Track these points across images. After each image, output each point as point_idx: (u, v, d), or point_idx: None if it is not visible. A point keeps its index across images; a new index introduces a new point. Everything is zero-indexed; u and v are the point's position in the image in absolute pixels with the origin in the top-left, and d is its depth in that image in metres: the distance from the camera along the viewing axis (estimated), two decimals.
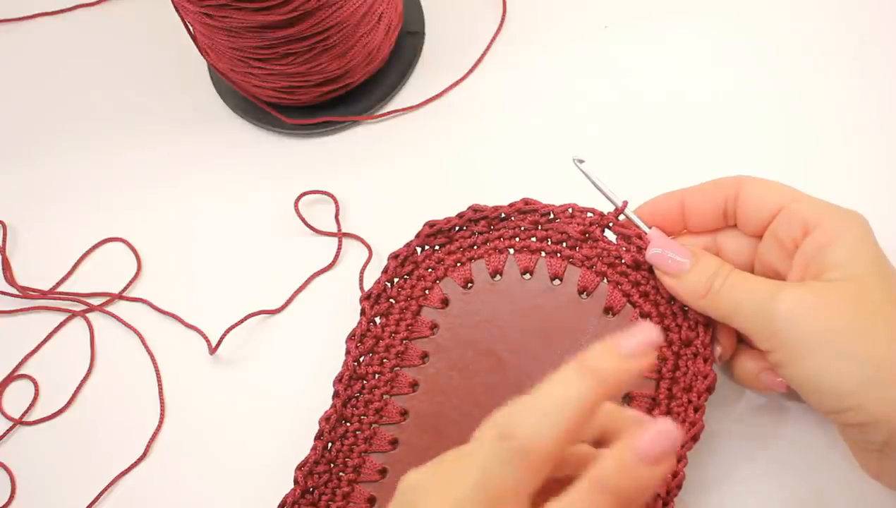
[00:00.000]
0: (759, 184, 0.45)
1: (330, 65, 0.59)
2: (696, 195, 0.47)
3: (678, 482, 0.44)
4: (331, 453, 0.49)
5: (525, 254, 0.49)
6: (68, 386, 0.57)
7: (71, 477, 0.55)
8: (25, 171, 0.66)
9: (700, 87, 0.60)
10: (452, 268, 0.50)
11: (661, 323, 0.46)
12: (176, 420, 0.56)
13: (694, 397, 0.45)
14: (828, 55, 0.60)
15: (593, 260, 0.48)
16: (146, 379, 0.57)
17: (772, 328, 0.41)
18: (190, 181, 0.63)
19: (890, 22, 0.60)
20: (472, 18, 0.66)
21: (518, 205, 0.50)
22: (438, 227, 0.51)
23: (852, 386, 0.39)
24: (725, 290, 0.42)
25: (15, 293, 0.61)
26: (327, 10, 0.56)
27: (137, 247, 0.61)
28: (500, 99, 0.63)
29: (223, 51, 0.60)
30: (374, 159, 0.62)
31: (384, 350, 0.50)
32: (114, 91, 0.68)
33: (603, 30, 0.64)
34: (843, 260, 0.41)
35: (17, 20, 0.73)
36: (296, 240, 0.60)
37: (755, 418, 0.49)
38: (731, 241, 0.47)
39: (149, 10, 0.71)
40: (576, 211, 0.49)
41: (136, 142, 0.66)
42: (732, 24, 0.62)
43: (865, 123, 0.57)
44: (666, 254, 0.45)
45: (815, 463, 0.48)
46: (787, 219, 0.43)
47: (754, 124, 0.58)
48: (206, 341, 0.57)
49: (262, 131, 0.64)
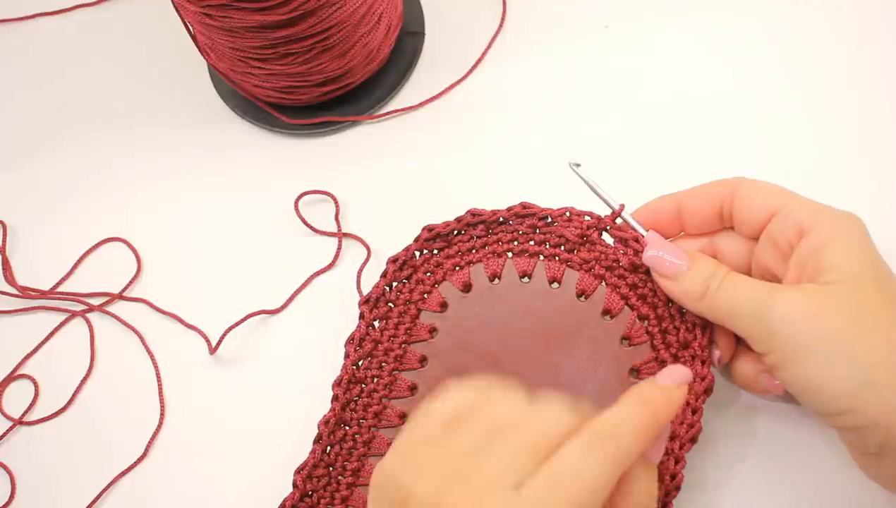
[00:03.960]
0: (754, 187, 0.45)
1: (330, 65, 0.59)
2: (692, 197, 0.46)
3: (677, 483, 0.44)
4: (330, 456, 0.49)
5: (523, 258, 0.49)
6: (68, 386, 0.58)
7: (71, 477, 0.55)
8: (25, 171, 0.66)
9: (700, 88, 0.60)
10: (451, 272, 0.50)
11: (658, 325, 0.46)
12: (176, 420, 0.56)
13: (692, 399, 0.45)
14: (828, 55, 0.60)
15: (591, 263, 0.48)
16: (146, 379, 0.57)
17: (768, 331, 0.41)
18: (190, 181, 0.63)
19: (890, 22, 0.60)
20: (472, 18, 0.66)
21: (516, 208, 0.50)
22: (437, 232, 0.51)
23: (847, 389, 0.39)
24: (722, 293, 0.42)
25: (15, 293, 0.61)
26: (327, 10, 0.55)
27: (137, 247, 0.61)
28: (500, 99, 0.63)
29: (223, 51, 0.60)
30: (374, 159, 0.62)
31: (383, 353, 0.50)
32: (114, 91, 0.68)
33: (603, 30, 0.64)
34: (838, 263, 0.41)
35: (17, 20, 0.73)
36: (296, 239, 0.60)
37: (753, 419, 0.49)
38: (728, 243, 0.47)
39: (149, 10, 0.71)
40: (573, 214, 0.49)
41: (136, 143, 0.66)
42: (732, 25, 0.62)
43: (865, 124, 0.57)
44: (663, 256, 0.45)
45: (813, 465, 0.48)
46: (783, 221, 0.43)
47: (754, 125, 0.58)
48: (206, 341, 0.57)
49: (262, 131, 0.64)
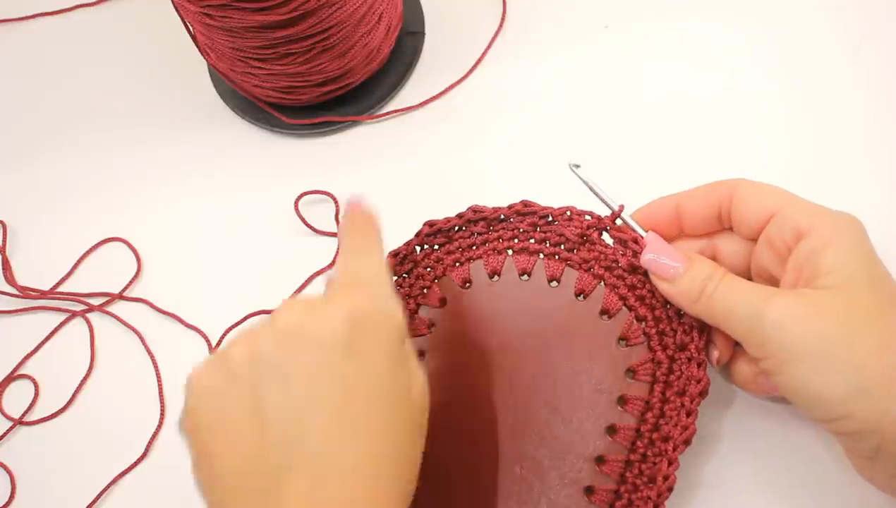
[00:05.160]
0: (752, 188, 0.45)
1: (330, 65, 0.60)
2: (691, 199, 0.46)
3: (669, 485, 0.44)
4: None
5: (523, 256, 0.49)
6: (68, 386, 0.58)
7: (71, 477, 0.55)
8: (25, 171, 0.66)
9: (700, 88, 0.60)
10: (451, 268, 0.50)
11: (656, 326, 0.46)
12: (176, 420, 0.56)
13: (687, 401, 0.45)
14: (827, 55, 0.60)
15: (591, 262, 0.48)
16: (146, 379, 0.57)
17: (762, 335, 0.40)
18: (190, 181, 0.64)
19: (890, 22, 0.60)
20: (472, 18, 0.66)
21: (517, 206, 0.50)
22: (438, 227, 0.51)
23: (841, 395, 0.39)
24: (717, 296, 0.42)
25: (15, 293, 0.61)
26: (327, 10, 0.56)
27: (137, 247, 0.62)
28: (500, 99, 0.63)
29: (223, 51, 0.60)
30: (374, 159, 0.62)
31: None
32: (114, 91, 0.68)
33: (603, 30, 0.64)
34: (835, 266, 0.40)
35: (17, 20, 0.73)
36: (296, 239, 0.60)
37: (748, 421, 0.49)
38: (727, 244, 0.47)
39: (149, 10, 0.71)
40: (574, 213, 0.49)
41: (136, 142, 0.66)
42: (732, 25, 0.62)
43: (865, 124, 0.57)
44: (660, 258, 0.45)
45: (809, 466, 0.48)
46: (780, 223, 0.43)
47: (754, 125, 0.58)
48: (206, 341, 0.57)
49: (262, 131, 0.64)
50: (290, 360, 0.37)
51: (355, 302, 0.38)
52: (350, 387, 0.37)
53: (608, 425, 0.45)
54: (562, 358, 0.47)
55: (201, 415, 0.38)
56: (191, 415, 0.39)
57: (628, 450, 0.45)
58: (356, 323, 0.38)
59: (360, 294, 0.39)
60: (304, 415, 0.36)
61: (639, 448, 0.45)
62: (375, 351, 0.38)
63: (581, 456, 0.45)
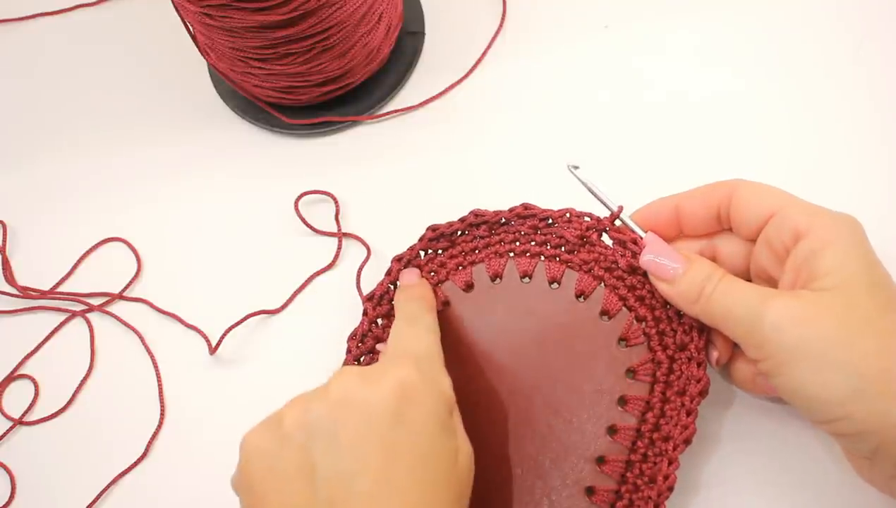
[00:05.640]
0: (751, 189, 0.45)
1: (330, 65, 0.60)
2: (690, 199, 0.46)
3: (669, 484, 0.44)
4: None
5: (524, 258, 0.49)
6: (68, 386, 0.58)
7: (71, 477, 0.55)
8: (25, 171, 0.66)
9: (700, 88, 0.60)
10: (454, 272, 0.51)
11: (656, 327, 0.46)
12: (176, 420, 0.56)
13: (687, 401, 0.45)
14: (828, 55, 0.60)
15: (591, 264, 0.48)
16: (146, 379, 0.57)
17: (760, 337, 0.41)
18: (190, 181, 0.64)
19: (890, 22, 0.60)
20: (472, 18, 0.66)
21: (518, 209, 0.50)
22: (441, 231, 0.51)
23: (839, 397, 0.39)
24: (716, 297, 0.42)
25: (15, 293, 0.61)
26: (327, 10, 0.55)
27: (137, 247, 0.62)
28: (500, 99, 0.63)
29: (223, 51, 0.60)
30: (374, 159, 0.62)
31: None
32: (114, 91, 0.68)
33: (603, 30, 0.64)
34: (833, 267, 0.40)
35: (17, 20, 0.73)
36: (296, 240, 0.60)
37: (748, 421, 0.49)
38: (727, 245, 0.47)
39: (149, 10, 0.71)
40: (573, 215, 0.49)
41: (136, 142, 0.66)
42: (732, 25, 0.62)
43: (865, 124, 0.57)
44: (659, 259, 0.45)
45: (809, 466, 0.48)
46: (779, 224, 0.43)
47: (754, 125, 0.58)
48: (206, 341, 0.57)
49: (262, 131, 0.64)
50: (341, 426, 0.39)
51: (405, 374, 0.41)
52: (396, 454, 0.38)
53: (609, 425, 0.45)
54: (562, 358, 0.47)
55: (254, 474, 0.40)
56: (243, 474, 0.40)
57: (629, 450, 0.45)
58: (405, 393, 0.40)
59: (410, 365, 0.41)
60: (351, 478, 0.38)
61: (639, 448, 0.45)
62: (423, 420, 0.40)
63: (582, 457, 0.45)
